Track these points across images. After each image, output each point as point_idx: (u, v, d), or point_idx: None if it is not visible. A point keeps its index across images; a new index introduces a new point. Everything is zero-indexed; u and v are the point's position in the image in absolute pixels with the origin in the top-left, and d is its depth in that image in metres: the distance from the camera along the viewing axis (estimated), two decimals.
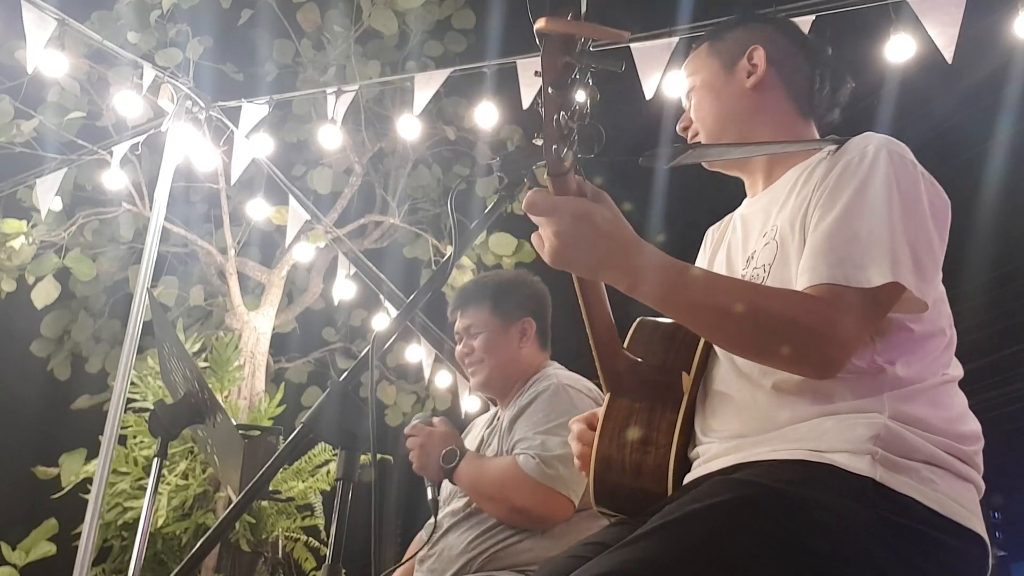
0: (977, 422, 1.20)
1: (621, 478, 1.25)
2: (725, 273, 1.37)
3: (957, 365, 1.23)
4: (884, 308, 1.12)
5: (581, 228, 1.04)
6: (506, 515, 1.98)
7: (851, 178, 1.17)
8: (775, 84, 1.40)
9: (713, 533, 1.03)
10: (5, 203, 4.92)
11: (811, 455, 1.09)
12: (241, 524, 4.04)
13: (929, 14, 2.87)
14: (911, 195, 1.16)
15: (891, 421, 1.10)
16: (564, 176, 1.04)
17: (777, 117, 1.39)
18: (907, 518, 1.05)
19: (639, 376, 1.29)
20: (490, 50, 5.62)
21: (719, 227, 1.51)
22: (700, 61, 1.47)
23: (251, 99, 4.25)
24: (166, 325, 2.28)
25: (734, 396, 1.23)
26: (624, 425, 1.27)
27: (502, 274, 2.40)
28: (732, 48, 1.43)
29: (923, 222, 1.16)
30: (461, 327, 2.28)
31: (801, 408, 1.15)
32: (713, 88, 1.43)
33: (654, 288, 1.09)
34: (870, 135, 1.24)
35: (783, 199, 1.29)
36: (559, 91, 0.97)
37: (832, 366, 1.10)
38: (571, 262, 1.08)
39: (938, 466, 1.10)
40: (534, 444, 1.97)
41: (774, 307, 1.09)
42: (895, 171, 1.16)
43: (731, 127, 1.40)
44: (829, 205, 1.16)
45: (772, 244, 1.26)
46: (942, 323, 1.22)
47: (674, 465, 1.23)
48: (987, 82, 5.48)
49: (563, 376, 2.16)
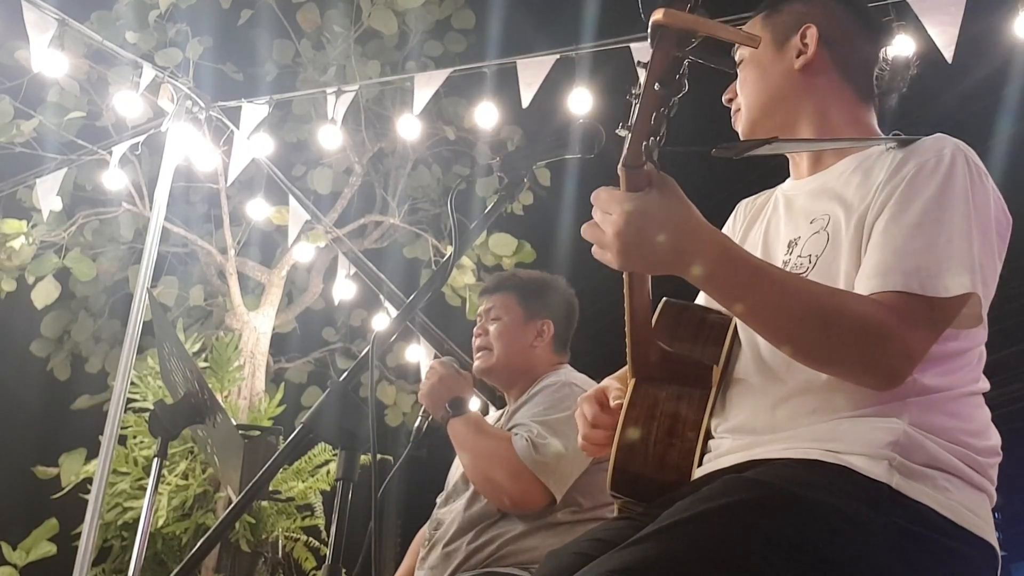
0: (998, 437, 1.17)
1: (643, 469, 1.22)
2: (760, 252, 1.31)
3: (984, 380, 1.20)
4: (952, 319, 1.09)
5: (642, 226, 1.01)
6: (482, 483, 1.98)
7: (928, 182, 1.11)
8: (827, 66, 1.31)
9: (725, 534, 1.01)
10: (5, 203, 4.92)
11: (826, 455, 1.07)
12: (241, 524, 4.04)
13: (929, 14, 2.87)
14: (984, 208, 1.12)
15: (911, 428, 1.07)
16: (639, 168, 1.01)
17: (831, 101, 1.31)
18: (921, 526, 1.03)
19: (667, 364, 1.25)
20: (490, 50, 5.63)
21: (754, 201, 1.45)
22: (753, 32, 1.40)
23: (251, 99, 4.25)
24: (166, 325, 2.28)
25: (753, 387, 1.20)
26: (650, 415, 1.23)
27: (539, 273, 2.39)
28: (787, 22, 1.35)
29: (991, 237, 1.13)
30: (483, 309, 2.28)
31: (821, 409, 1.12)
32: (761, 64, 1.35)
33: (726, 284, 1.06)
34: (944, 137, 1.18)
35: (838, 189, 1.23)
36: (665, 87, 0.93)
37: (897, 377, 1.06)
38: (635, 261, 1.06)
39: (953, 474, 1.08)
40: (529, 430, 1.97)
41: (848, 314, 1.05)
42: (971, 181, 1.12)
43: (778, 108, 1.33)
44: (902, 208, 1.11)
45: (822, 235, 1.20)
46: (980, 340, 1.19)
47: (699, 459, 1.21)
48: (987, 82, 5.47)
49: (572, 375, 2.15)
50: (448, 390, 2.07)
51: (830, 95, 1.32)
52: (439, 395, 2.07)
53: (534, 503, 1.94)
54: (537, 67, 3.53)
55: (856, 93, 1.33)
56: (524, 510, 1.95)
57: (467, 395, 2.09)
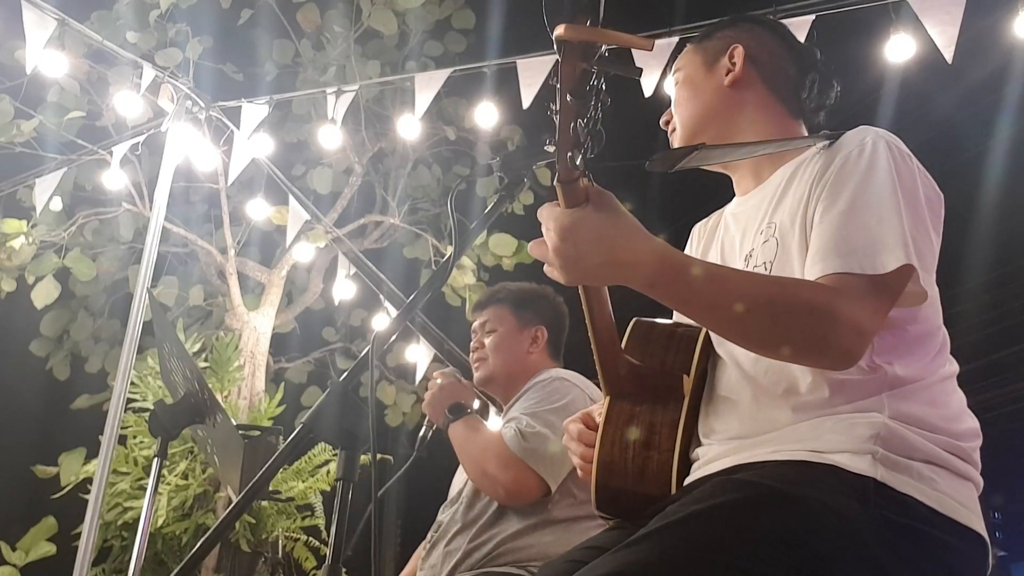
0: (975, 419, 1.20)
1: (624, 482, 1.24)
2: None
3: (953, 363, 1.23)
4: (896, 294, 1.12)
5: (578, 240, 1.03)
6: (478, 478, 2.03)
7: (853, 170, 1.17)
8: (754, 82, 1.40)
9: (715, 534, 1.02)
10: (5, 203, 4.92)
11: (812, 456, 1.09)
12: (241, 524, 4.04)
13: (929, 14, 2.87)
14: (911, 187, 1.17)
15: (891, 420, 1.10)
16: (574, 183, 1.03)
17: (761, 114, 1.39)
18: (908, 517, 1.05)
19: (639, 379, 1.28)
20: (490, 50, 5.63)
21: (706, 224, 1.51)
22: (686, 58, 1.48)
23: (251, 99, 4.25)
24: (166, 325, 2.28)
25: (737, 398, 1.23)
26: (625, 429, 1.26)
27: (528, 283, 2.46)
28: (716, 46, 1.44)
29: (921, 213, 1.16)
30: (477, 324, 2.35)
31: (802, 410, 1.15)
32: (693, 83, 1.44)
33: (668, 289, 1.08)
34: (866, 128, 1.23)
35: (779, 196, 1.29)
36: (577, 99, 0.95)
37: (851, 355, 1.08)
38: (577, 275, 1.07)
39: (938, 465, 1.10)
40: (520, 421, 2.02)
41: (791, 298, 1.08)
42: (895, 163, 1.17)
43: (711, 123, 1.41)
44: (833, 197, 1.16)
45: (772, 241, 1.25)
46: (937, 321, 1.23)
47: (677, 468, 1.23)
48: (987, 82, 5.48)
49: (562, 371, 2.21)
50: (449, 397, 2.13)
51: (760, 108, 1.40)
52: (440, 403, 2.13)
53: (528, 492, 1.97)
54: (537, 67, 3.53)
55: (784, 106, 1.40)
56: (520, 500, 1.98)
57: (467, 401, 2.14)
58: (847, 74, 1.46)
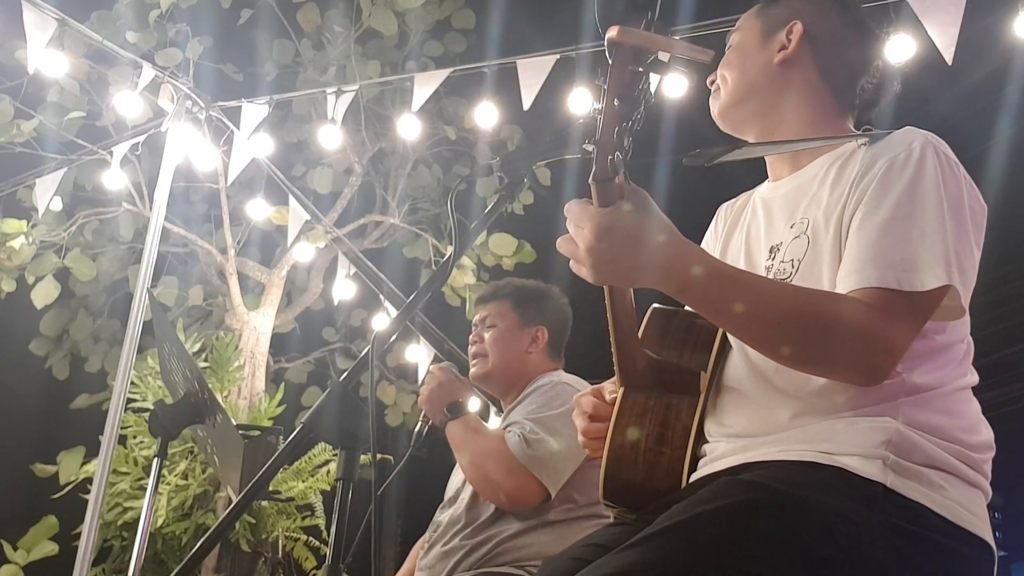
0: (990, 431, 1.17)
1: (633, 476, 1.23)
2: (743, 259, 1.33)
3: (973, 373, 1.20)
4: (931, 312, 1.09)
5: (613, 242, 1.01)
6: (478, 481, 2.01)
7: (899, 176, 1.12)
8: (807, 63, 1.32)
9: (721, 536, 1.01)
10: (5, 203, 4.92)
11: (821, 457, 1.07)
12: (241, 524, 4.04)
13: (929, 14, 2.86)
14: (957, 199, 1.12)
15: (904, 426, 1.08)
16: (610, 181, 1.00)
17: (807, 100, 1.33)
18: (917, 524, 1.03)
19: (656, 372, 1.26)
20: (490, 50, 5.62)
21: (733, 205, 1.46)
22: (747, 20, 1.41)
23: (251, 99, 4.25)
24: (166, 325, 2.28)
25: (746, 393, 1.20)
26: (639, 422, 1.24)
27: (534, 281, 2.43)
28: (779, 15, 1.36)
29: (966, 227, 1.12)
30: (479, 318, 2.32)
31: (814, 411, 1.13)
32: (745, 51, 1.37)
33: (701, 296, 1.07)
34: (914, 130, 1.19)
35: (814, 190, 1.24)
36: (625, 103, 0.93)
37: (880, 373, 1.07)
38: (609, 276, 1.06)
39: (948, 472, 1.08)
40: (522, 427, 2.00)
41: (824, 314, 1.05)
42: (942, 172, 1.12)
43: (752, 99, 1.35)
44: (875, 203, 1.12)
45: (803, 239, 1.21)
46: (964, 332, 1.20)
47: (688, 467, 1.22)
48: (987, 82, 5.47)
49: (564, 375, 2.18)
50: (447, 394, 2.09)
51: (806, 93, 1.33)
52: (438, 400, 2.09)
53: (530, 498, 1.96)
54: (537, 67, 3.53)
55: (833, 95, 1.33)
56: (520, 506, 1.97)
57: (465, 399, 2.11)
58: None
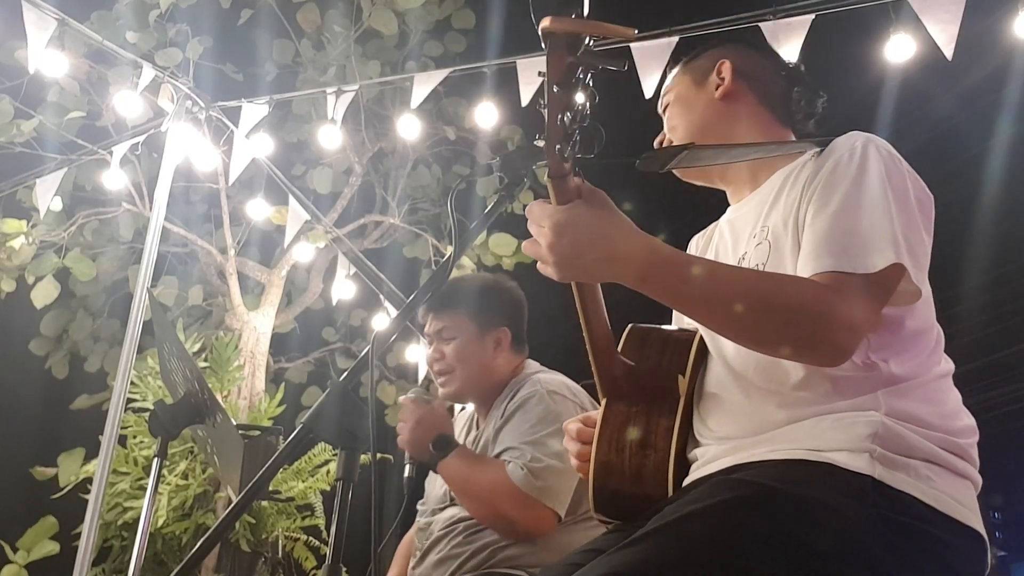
0: (971, 417, 1.21)
1: (621, 483, 1.25)
2: None
3: (948, 360, 1.24)
4: (888, 292, 1.13)
5: (573, 237, 1.05)
6: (489, 519, 1.93)
7: (844, 174, 1.18)
8: (744, 93, 1.43)
9: (714, 533, 1.03)
10: (5, 203, 4.91)
11: (810, 455, 1.10)
12: (241, 524, 4.04)
13: (929, 12, 2.87)
14: (901, 188, 1.18)
15: (887, 418, 1.11)
16: (564, 178, 1.04)
17: (754, 123, 1.42)
18: (906, 516, 1.06)
19: (635, 380, 1.29)
20: (490, 50, 5.63)
21: (704, 235, 1.53)
22: (674, 80, 1.52)
23: (251, 99, 4.25)
24: (166, 325, 2.28)
25: (729, 398, 1.23)
26: (622, 430, 1.26)
27: (479, 278, 2.33)
28: (704, 64, 1.48)
29: (913, 215, 1.18)
30: (433, 330, 2.19)
31: (797, 408, 1.15)
32: (685, 101, 1.47)
33: (661, 283, 1.09)
34: (855, 134, 1.26)
35: (771, 201, 1.30)
36: (564, 91, 0.97)
37: (842, 352, 1.10)
38: (572, 271, 1.09)
39: (936, 463, 1.11)
40: (522, 455, 1.92)
41: (783, 294, 1.09)
42: (885, 166, 1.19)
43: (709, 135, 1.42)
44: (824, 200, 1.18)
45: (764, 244, 1.27)
46: (931, 319, 1.24)
47: (674, 468, 1.23)
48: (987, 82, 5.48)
49: (545, 381, 2.08)
50: (430, 429, 1.97)
51: (753, 119, 1.42)
52: (420, 439, 1.96)
53: (546, 527, 1.91)
54: (537, 67, 3.52)
55: (775, 115, 1.43)
56: (537, 536, 1.92)
57: (449, 429, 2.00)
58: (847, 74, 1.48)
